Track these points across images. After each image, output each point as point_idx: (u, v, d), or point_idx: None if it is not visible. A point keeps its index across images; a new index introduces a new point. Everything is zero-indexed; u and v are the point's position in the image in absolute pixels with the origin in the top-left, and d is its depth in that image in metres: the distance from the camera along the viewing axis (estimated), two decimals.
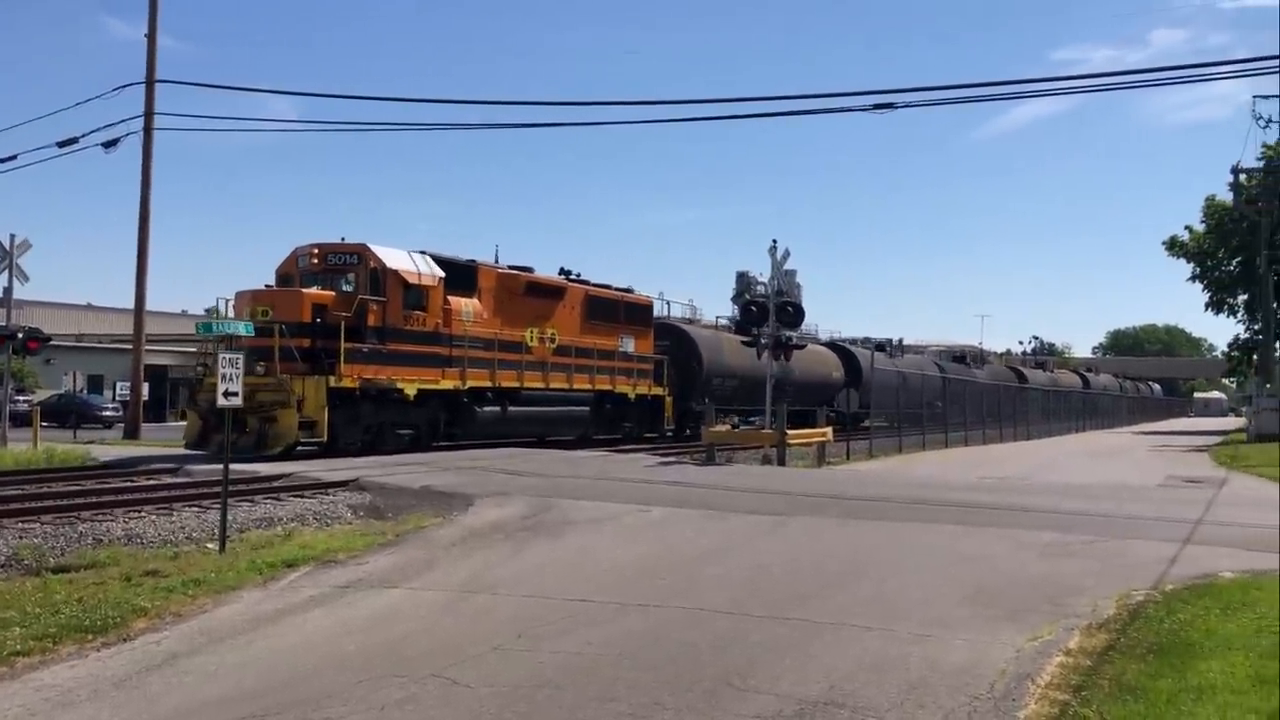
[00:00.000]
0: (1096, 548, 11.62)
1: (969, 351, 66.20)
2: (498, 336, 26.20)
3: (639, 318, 32.72)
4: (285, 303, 22.16)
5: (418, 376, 23.80)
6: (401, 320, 23.44)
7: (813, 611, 8.31)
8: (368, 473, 17.97)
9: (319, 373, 21.76)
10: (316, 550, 11.16)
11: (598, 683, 6.37)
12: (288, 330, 21.48)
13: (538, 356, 27.75)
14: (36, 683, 6.49)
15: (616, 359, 30.88)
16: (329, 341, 21.91)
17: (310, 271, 23.34)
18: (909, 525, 13.25)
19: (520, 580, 9.66)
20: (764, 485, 18.06)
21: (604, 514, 13.72)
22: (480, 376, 25.58)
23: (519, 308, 27.35)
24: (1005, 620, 8.04)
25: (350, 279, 23.14)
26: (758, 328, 26.08)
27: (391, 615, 8.41)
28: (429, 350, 24.13)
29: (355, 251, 23.41)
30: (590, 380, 29.68)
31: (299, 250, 23.79)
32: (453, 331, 24.78)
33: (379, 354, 22.88)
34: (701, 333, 37.69)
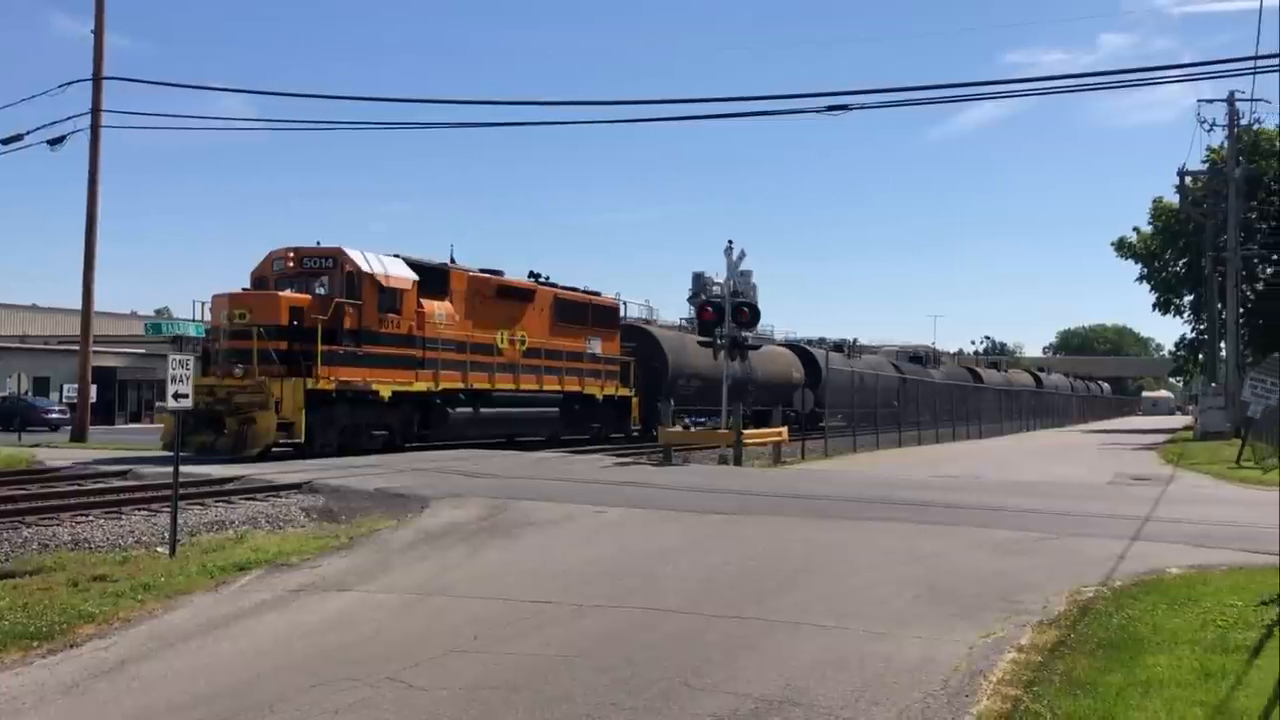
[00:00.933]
0: (1048, 545, 11.79)
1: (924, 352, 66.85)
2: (469, 339, 26.49)
3: (606, 320, 33.11)
4: (263, 306, 22.40)
5: (392, 378, 24.06)
6: (376, 323, 23.70)
7: (769, 610, 8.35)
8: (322, 475, 17.82)
9: (296, 375, 22.00)
10: (268, 553, 11.03)
11: (555, 684, 6.36)
12: (266, 333, 21.75)
13: (508, 358, 28.06)
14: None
15: (585, 360, 31.28)
16: (306, 344, 22.12)
17: (285, 275, 23.56)
18: (864, 524, 13.36)
19: (476, 582, 9.62)
20: (720, 485, 18.13)
21: (561, 515, 13.70)
22: (453, 378, 25.85)
23: (490, 310, 27.65)
24: (959, 617, 8.12)
25: (325, 282, 23.38)
26: (716, 328, 26.18)
27: (345, 619, 8.34)
28: (403, 352, 24.40)
29: (331, 255, 23.64)
30: (559, 381, 30.05)
31: (274, 253, 23.98)
32: (426, 334, 25.05)
33: (355, 356, 23.12)
34: (666, 334, 37.86)
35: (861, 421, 34.00)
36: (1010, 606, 8.48)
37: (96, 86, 29.96)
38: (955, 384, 49.66)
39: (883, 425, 35.50)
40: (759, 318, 26.99)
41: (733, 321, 25.64)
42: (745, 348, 27.22)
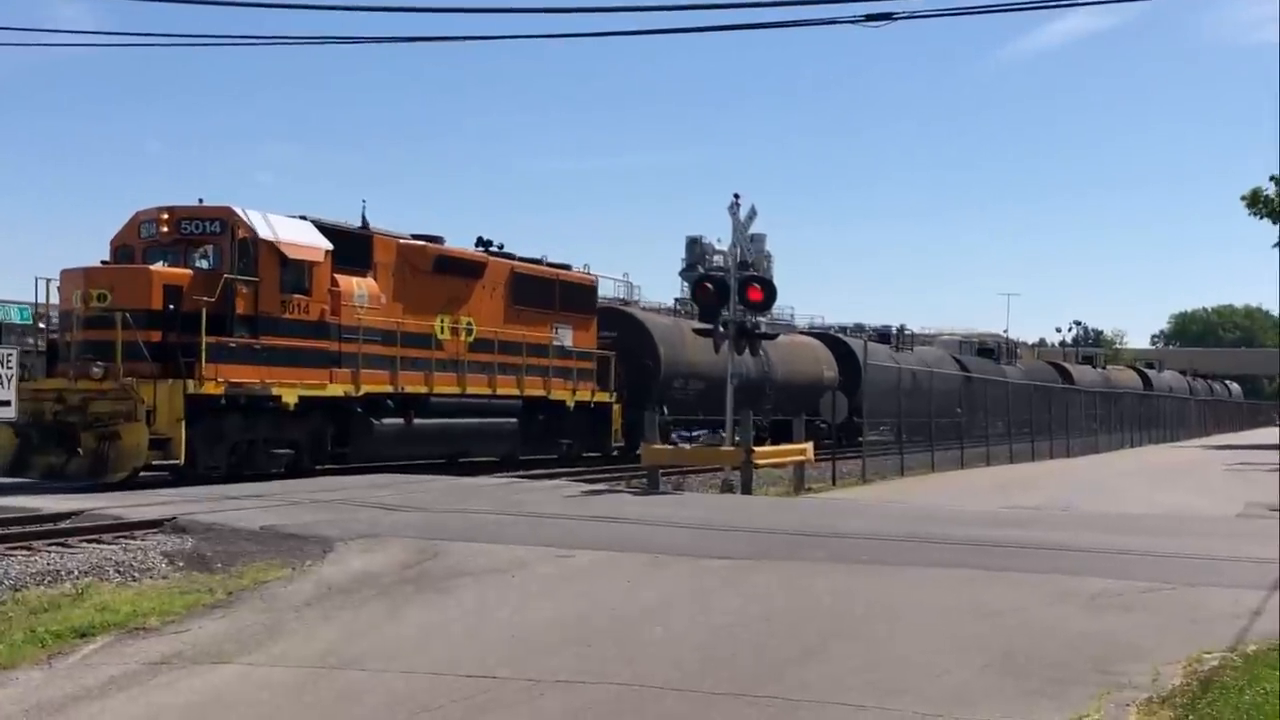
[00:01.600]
0: (1158, 598, 11.86)
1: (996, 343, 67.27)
2: (399, 327, 26.51)
3: (579, 302, 33.11)
4: (129, 284, 22.31)
5: (299, 379, 24.09)
6: (278, 306, 23.71)
7: (789, 686, 8.38)
8: (190, 509, 17.78)
9: (174, 375, 21.94)
10: (119, 614, 10.99)
11: None
12: (133, 320, 21.68)
13: (451, 353, 28.12)
14: None
15: (551, 355, 31.24)
16: (187, 335, 22.07)
17: (158, 243, 23.60)
18: (914, 571, 13.43)
19: (398, 651, 9.62)
20: (724, 520, 18.19)
21: (511, 561, 13.71)
22: (378, 379, 25.93)
23: (426, 289, 27.69)
24: (1040, 694, 8.16)
25: (210, 252, 23.48)
26: (717, 311, 26.21)
27: (222, 700, 8.32)
28: (314, 345, 24.44)
29: (218, 217, 23.63)
30: (517, 383, 30.05)
31: (142, 215, 23.94)
32: (343, 321, 25.09)
33: (250, 350, 23.13)
34: (657, 320, 37.86)
35: (912, 434, 34.09)
36: (1108, 679, 8.53)
37: None
38: (1037, 384, 49.93)
39: (940, 439, 35.62)
40: (775, 297, 27.03)
41: (740, 302, 25.65)
42: (758, 337, 27.31)
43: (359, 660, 9.37)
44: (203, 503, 18.70)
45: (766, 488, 25.80)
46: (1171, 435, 67.37)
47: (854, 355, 43.31)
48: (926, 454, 34.09)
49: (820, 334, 49.65)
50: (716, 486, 25.92)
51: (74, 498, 19.41)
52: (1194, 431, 74.79)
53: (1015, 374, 52.69)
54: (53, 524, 16.96)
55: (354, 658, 9.46)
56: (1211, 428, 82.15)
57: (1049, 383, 53.86)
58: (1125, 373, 79.43)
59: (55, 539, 15.83)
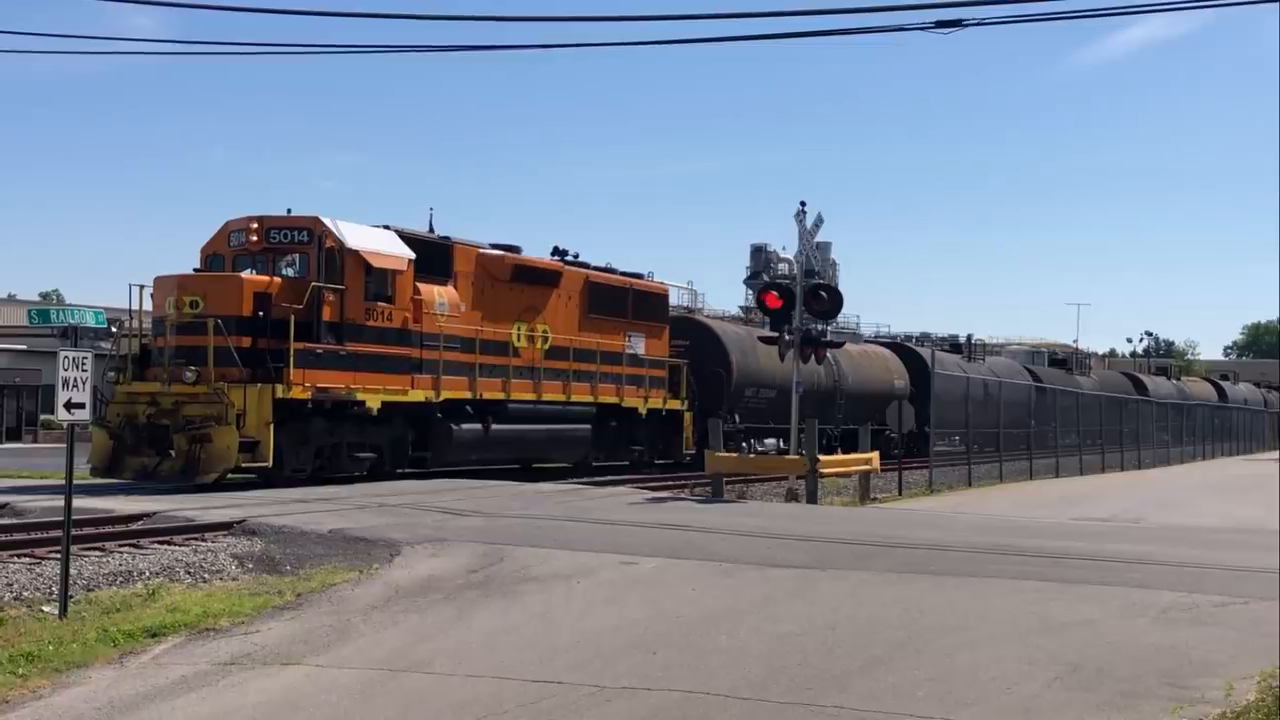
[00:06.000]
0: (1232, 611, 11.69)
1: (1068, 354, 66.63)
2: (479, 335, 26.94)
3: (651, 310, 33.30)
4: (221, 292, 22.85)
5: (382, 385, 24.49)
6: (363, 314, 24.15)
7: (855, 697, 8.34)
8: (260, 512, 17.98)
9: (263, 380, 22.35)
10: (190, 615, 11.15)
11: None
12: (224, 326, 22.13)
13: (527, 360, 28.44)
14: None
15: (624, 364, 31.51)
16: (275, 340, 22.53)
17: (247, 251, 24.12)
18: (982, 582, 13.30)
19: (465, 655, 9.67)
20: (789, 529, 18.11)
21: (576, 567, 13.75)
22: (457, 386, 26.30)
23: (504, 298, 28.07)
24: (1111, 708, 8.08)
25: (297, 261, 23.95)
26: (783, 320, 26.15)
27: (291, 702, 8.40)
28: (396, 352, 24.86)
29: (305, 226, 24.08)
30: (591, 390, 30.29)
31: (232, 224, 24.47)
32: (424, 328, 25.51)
33: (336, 356, 23.57)
34: (730, 329, 37.85)
35: (982, 445, 33.83)
36: (1181, 694, 8.42)
37: None
38: (1110, 395, 49.35)
39: (1009, 450, 35.32)
40: (841, 305, 26.93)
41: (805, 311, 25.57)
42: (823, 345, 27.16)
43: (426, 663, 9.43)
44: (273, 506, 18.93)
45: (831, 497, 25.68)
46: (1246, 448, 66.42)
47: (923, 364, 43.07)
48: (995, 465, 33.83)
49: (891, 343, 49.36)
50: (782, 495, 25.82)
51: (148, 499, 19.70)
52: (1269, 444, 73.65)
53: (1089, 384, 52.18)
54: (125, 525, 17.23)
55: (421, 661, 9.52)
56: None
57: (1123, 394, 53.26)
58: (1200, 384, 78.39)
59: (128, 540, 16.07)
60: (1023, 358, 59.29)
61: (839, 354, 37.15)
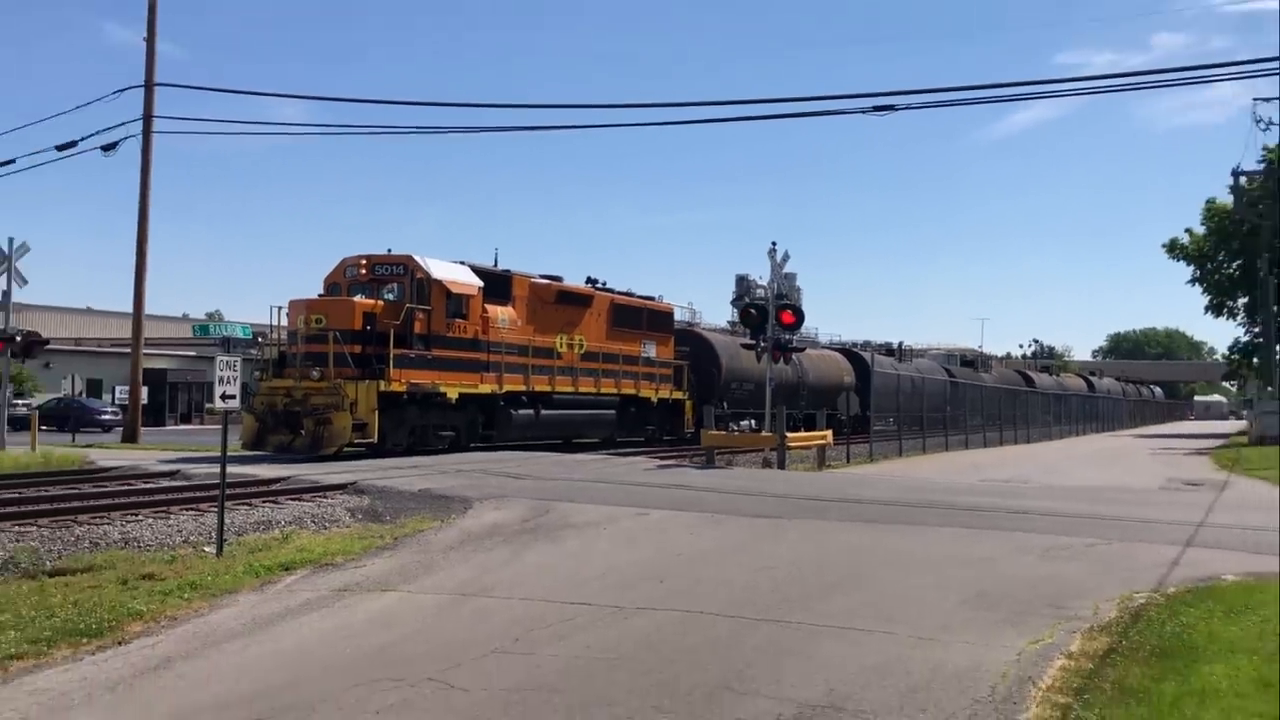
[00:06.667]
0: (1098, 550, 11.57)
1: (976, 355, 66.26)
2: (531, 343, 27.10)
3: (660, 324, 33.44)
4: (338, 311, 23.12)
5: (459, 381, 24.69)
6: (444, 328, 24.37)
7: (813, 615, 8.26)
8: (368, 476, 17.95)
9: (370, 377, 22.67)
10: (314, 554, 11.12)
11: (595, 686, 6.32)
12: (341, 337, 22.52)
13: (567, 362, 28.54)
14: (30, 686, 6.44)
15: (640, 364, 31.62)
16: (379, 348, 22.88)
17: (358, 281, 24.39)
18: (910, 529, 13.20)
19: (518, 583, 9.62)
20: (763, 488, 18.02)
21: (603, 517, 13.68)
22: (515, 381, 26.49)
23: (550, 315, 28.26)
24: (1006, 624, 7.99)
25: (395, 288, 24.10)
26: (759, 331, 26.08)
27: (388, 619, 8.36)
28: (469, 356, 25.06)
29: (401, 262, 24.40)
30: (616, 385, 30.46)
31: (347, 260, 24.86)
32: (490, 338, 25.69)
33: (424, 360, 23.81)
34: (719, 338, 37.85)
35: (910, 425, 33.68)
36: (1060, 613, 8.33)
37: (148, 93, 30.43)
38: (1005, 388, 49.04)
39: (932, 430, 35.17)
40: (803, 320, 26.90)
41: (776, 324, 25.48)
42: (789, 350, 27.07)
43: (490, 589, 9.38)
44: (377, 471, 18.90)
45: (797, 464, 25.53)
46: (1109, 427, 65.94)
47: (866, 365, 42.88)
48: (919, 440, 33.64)
49: (842, 348, 48.98)
50: (759, 463, 25.68)
51: (284, 467, 19.68)
52: (1126, 425, 73.31)
53: (990, 379, 51.61)
54: (267, 486, 17.22)
55: (486, 587, 9.47)
56: (1139, 422, 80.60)
57: (1016, 386, 52.91)
58: (1075, 379, 77.65)
59: (269, 497, 16.06)
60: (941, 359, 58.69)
61: (802, 356, 36.97)
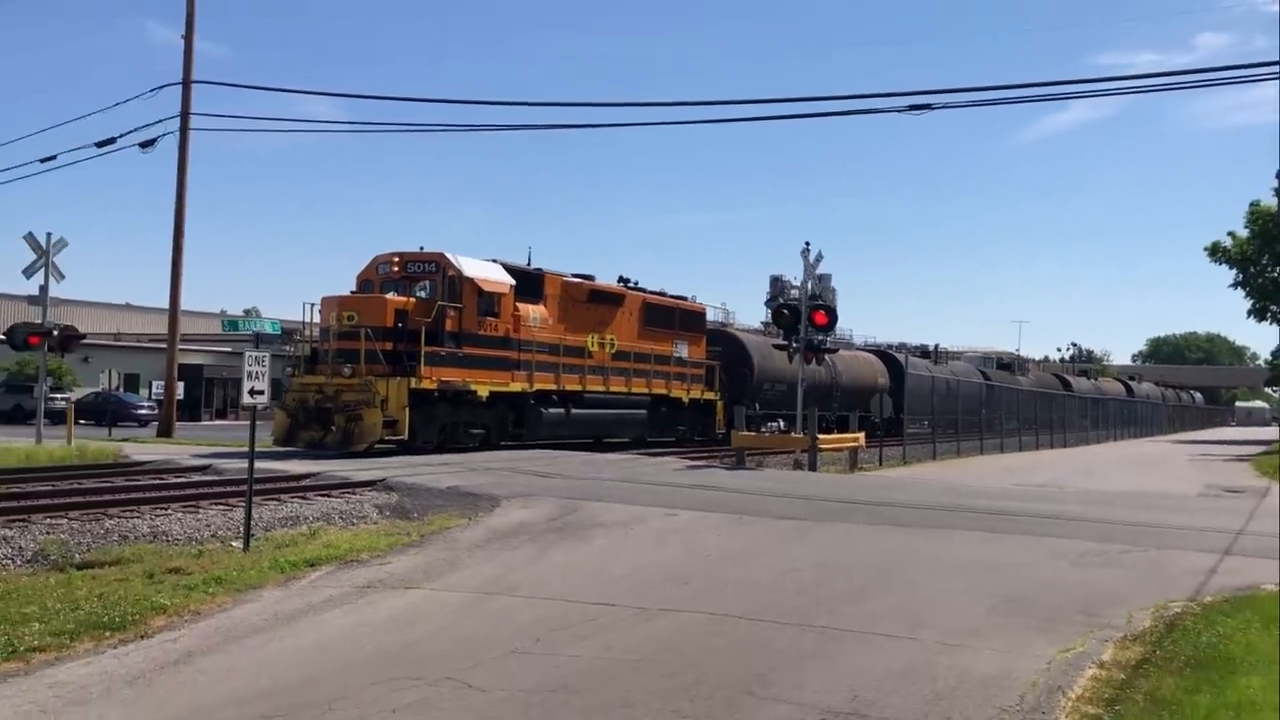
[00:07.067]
0: (1133, 557, 11.38)
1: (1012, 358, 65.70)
2: (562, 342, 27.09)
3: (692, 324, 33.32)
4: (370, 308, 23.20)
5: (489, 379, 24.73)
6: (476, 325, 24.40)
7: (839, 619, 8.16)
8: (396, 473, 17.97)
9: (401, 374, 22.73)
10: (340, 550, 11.14)
11: (616, 688, 6.26)
12: (373, 334, 22.59)
13: (598, 361, 28.51)
14: (50, 679, 6.47)
15: (671, 364, 31.53)
16: (410, 345, 22.92)
17: (390, 278, 24.47)
18: (940, 532, 13.04)
19: (542, 582, 9.58)
20: (793, 490, 17.89)
21: (630, 517, 13.61)
22: (546, 380, 26.49)
23: (582, 314, 28.25)
24: (1036, 630, 7.85)
25: (427, 286, 24.16)
26: (791, 331, 25.93)
27: (410, 616, 8.34)
28: (500, 354, 25.07)
29: (434, 260, 24.45)
30: (647, 384, 30.42)
31: (379, 258, 24.92)
32: (521, 337, 25.69)
33: (455, 357, 23.83)
34: (752, 339, 37.72)
35: (945, 428, 33.38)
36: (1092, 620, 8.18)
37: (186, 91, 30.71)
38: (1041, 391, 48.53)
39: (966, 433, 34.84)
40: (836, 321, 26.63)
41: (809, 324, 25.31)
42: (821, 351, 26.88)
43: (514, 588, 9.35)
44: (407, 468, 18.91)
45: (828, 466, 25.35)
46: (1147, 433, 65.11)
47: (901, 367, 42.54)
48: (954, 443, 33.33)
49: (876, 350, 48.72)
50: (790, 465, 25.52)
51: (314, 463, 19.78)
52: (1165, 430, 72.32)
53: (1027, 382, 51.15)
54: (296, 482, 17.30)
55: (510, 586, 9.44)
56: (1179, 428, 79.48)
57: (1053, 390, 52.36)
58: (1113, 383, 76.82)
59: (298, 493, 16.13)
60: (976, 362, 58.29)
61: (835, 358, 36.78)
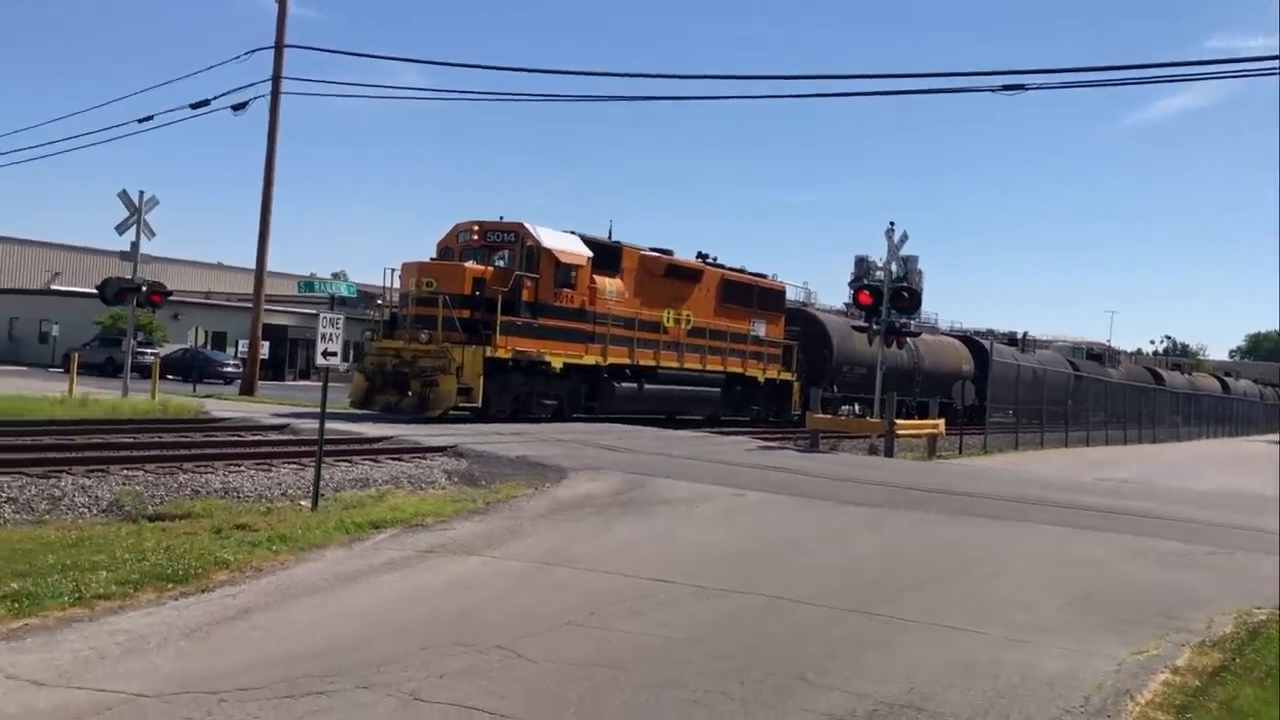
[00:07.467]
0: (1218, 560, 10.98)
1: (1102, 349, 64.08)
2: (638, 316, 27.05)
3: (771, 303, 33.03)
4: (449, 275, 23.38)
5: (564, 351, 24.79)
6: (552, 297, 24.48)
7: (904, 608, 7.97)
8: (468, 440, 18.09)
9: (476, 343, 22.89)
10: (405, 513, 11.20)
11: (666, 666, 6.17)
12: (450, 301, 22.77)
13: (674, 337, 28.42)
14: (112, 626, 6.57)
15: (748, 342, 31.28)
16: (486, 314, 23.05)
17: (470, 246, 24.60)
18: (1017, 525, 12.72)
19: (602, 556, 9.52)
20: (867, 476, 17.62)
21: (697, 495, 13.51)
22: (620, 354, 26.47)
23: (658, 289, 28.12)
24: (1109, 630, 7.58)
25: (506, 255, 24.25)
26: (872, 313, 25.55)
27: (468, 583, 8.35)
28: (575, 326, 25.12)
29: (513, 230, 24.53)
30: (722, 362, 30.20)
31: (460, 226, 25.07)
32: (597, 309, 25.72)
33: (530, 328, 23.94)
34: (832, 319, 37.29)
35: (1029, 419, 32.70)
36: (1169, 623, 7.88)
37: (278, 54, 31.13)
38: (1132, 384, 47.29)
39: (1051, 424, 34.09)
40: (919, 303, 26.24)
41: (891, 306, 24.88)
42: (902, 334, 26.44)
43: (573, 560, 9.31)
44: (479, 436, 19.02)
45: (905, 453, 24.96)
46: (1244, 432, 63.11)
47: (986, 354, 41.72)
48: (1037, 434, 32.63)
49: (961, 336, 47.96)
50: (865, 449, 25.18)
51: (389, 426, 20.02)
52: (1261, 430, 69.93)
53: (1117, 375, 49.81)
54: (369, 445, 17.49)
55: (570, 558, 9.40)
56: (1276, 428, 76.83)
57: (1144, 383, 50.99)
58: (1208, 379, 74.48)
59: (370, 456, 16.28)
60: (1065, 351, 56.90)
61: (919, 342, 36.19)
